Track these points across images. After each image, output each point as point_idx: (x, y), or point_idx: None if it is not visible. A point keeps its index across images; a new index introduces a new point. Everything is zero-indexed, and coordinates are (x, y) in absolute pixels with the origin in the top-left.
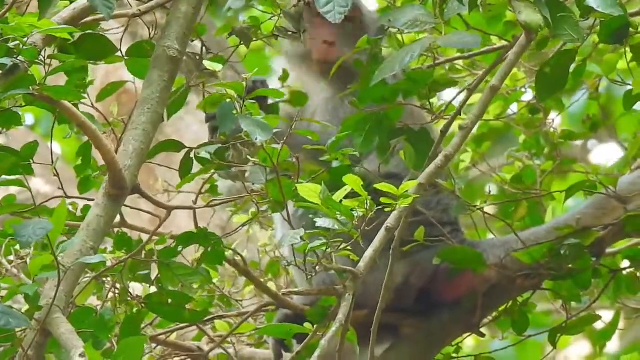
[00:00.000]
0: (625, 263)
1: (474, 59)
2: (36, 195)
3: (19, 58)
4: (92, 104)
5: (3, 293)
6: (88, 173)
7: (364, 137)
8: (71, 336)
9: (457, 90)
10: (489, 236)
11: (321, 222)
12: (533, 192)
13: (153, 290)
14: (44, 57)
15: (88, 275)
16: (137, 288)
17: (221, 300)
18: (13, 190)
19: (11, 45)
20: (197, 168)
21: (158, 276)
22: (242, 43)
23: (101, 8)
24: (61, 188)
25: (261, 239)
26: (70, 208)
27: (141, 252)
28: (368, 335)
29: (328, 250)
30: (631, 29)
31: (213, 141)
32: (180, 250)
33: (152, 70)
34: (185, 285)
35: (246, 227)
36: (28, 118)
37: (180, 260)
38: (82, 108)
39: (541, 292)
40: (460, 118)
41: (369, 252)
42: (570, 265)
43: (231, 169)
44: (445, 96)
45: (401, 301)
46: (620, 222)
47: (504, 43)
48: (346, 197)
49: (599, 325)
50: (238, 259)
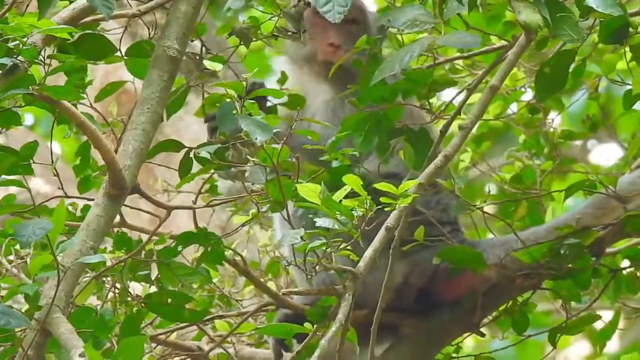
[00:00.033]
0: (625, 263)
1: (474, 59)
2: (36, 195)
3: (19, 58)
4: (91, 104)
5: (3, 293)
6: (87, 173)
7: (364, 137)
8: (71, 336)
9: (457, 90)
10: (489, 236)
11: (321, 222)
12: (533, 192)
13: (153, 290)
14: (44, 57)
15: (88, 275)
16: (137, 288)
17: (221, 300)
18: (13, 190)
19: (11, 45)
20: (197, 168)
21: (158, 276)
22: (242, 43)
23: (101, 8)
24: (61, 188)
25: (261, 239)
26: (70, 208)
27: (141, 252)
28: (368, 335)
29: (328, 250)
30: (631, 29)
31: (212, 141)
32: (180, 250)
33: (152, 70)
34: (185, 285)
35: (246, 227)
36: (28, 118)
37: (180, 260)
38: (81, 108)
39: (541, 292)
40: (459, 118)
41: (369, 252)
42: (570, 264)
43: (231, 169)
44: (444, 96)
45: (401, 301)
46: (620, 222)
47: (504, 43)
48: (346, 197)
49: (599, 325)
50: (238, 259)
